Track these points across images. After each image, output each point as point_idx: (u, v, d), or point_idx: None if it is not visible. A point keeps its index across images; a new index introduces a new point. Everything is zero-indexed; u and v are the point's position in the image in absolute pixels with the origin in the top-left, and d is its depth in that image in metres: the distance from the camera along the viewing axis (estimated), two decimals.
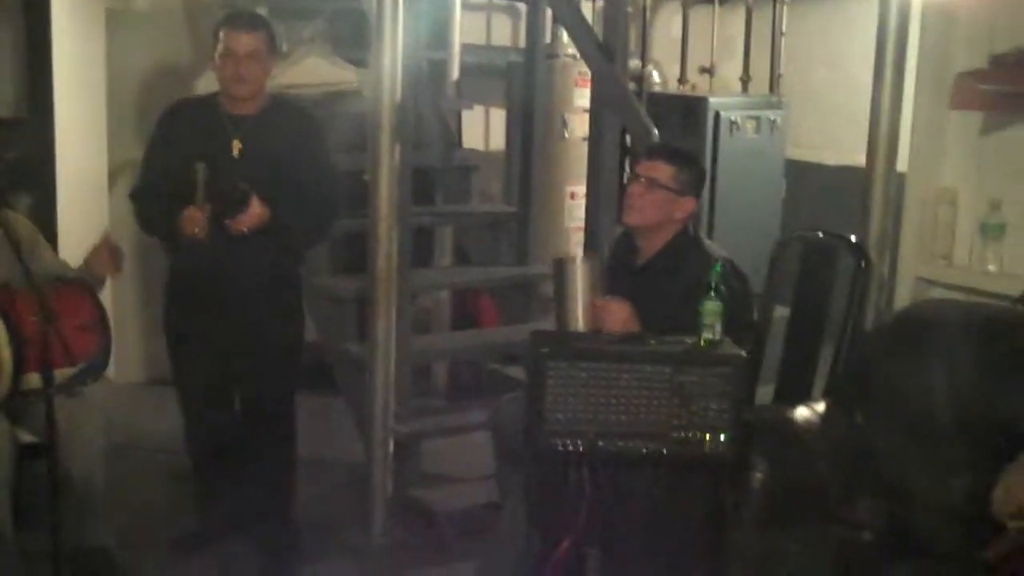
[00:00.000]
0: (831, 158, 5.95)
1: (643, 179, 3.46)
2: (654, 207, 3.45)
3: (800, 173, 6.02)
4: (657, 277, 3.44)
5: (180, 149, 3.72)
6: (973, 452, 3.24)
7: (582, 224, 4.87)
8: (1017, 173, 3.73)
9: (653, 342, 3.06)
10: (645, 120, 4.38)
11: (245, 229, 3.60)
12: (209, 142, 3.71)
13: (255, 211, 3.60)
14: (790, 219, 5.69)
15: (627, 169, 4.44)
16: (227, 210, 3.59)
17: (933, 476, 3.32)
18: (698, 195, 3.52)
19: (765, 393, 4.05)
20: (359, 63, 5.14)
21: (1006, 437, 3.11)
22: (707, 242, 3.62)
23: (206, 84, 4.33)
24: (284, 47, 5.03)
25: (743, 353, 3.08)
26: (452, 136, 5.65)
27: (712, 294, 3.02)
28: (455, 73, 5.77)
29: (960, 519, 3.12)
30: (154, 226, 3.83)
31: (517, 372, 4.74)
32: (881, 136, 3.93)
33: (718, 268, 3.07)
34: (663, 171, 3.46)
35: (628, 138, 4.59)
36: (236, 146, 3.71)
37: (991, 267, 3.75)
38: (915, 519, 3.15)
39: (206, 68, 4.19)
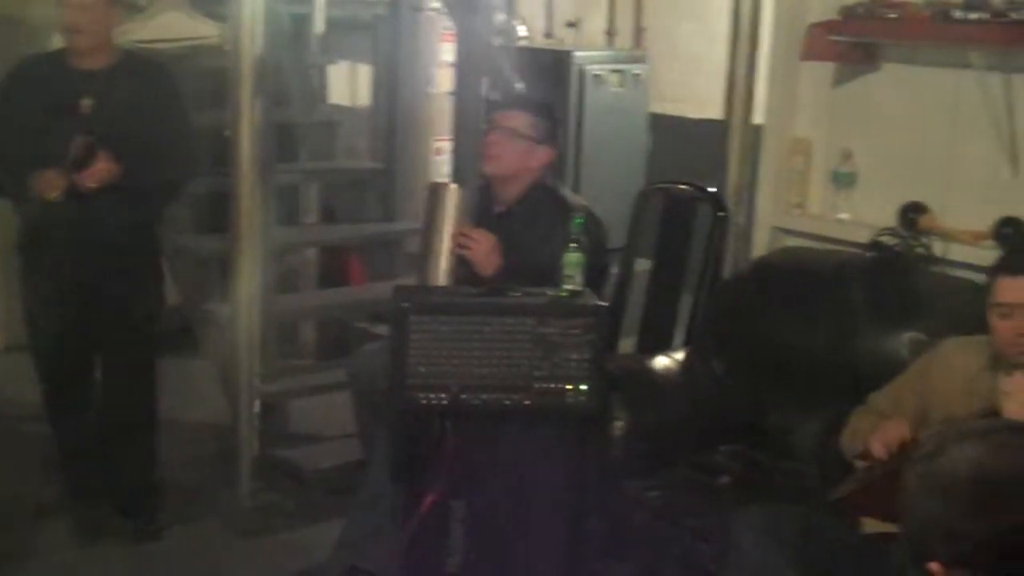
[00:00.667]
0: (693, 111, 6.01)
1: (500, 128, 3.49)
2: (511, 156, 3.47)
3: (664, 126, 6.07)
4: (515, 224, 3.47)
5: (27, 106, 3.61)
6: (825, 396, 3.35)
7: (449, 179, 4.86)
8: (867, 123, 3.82)
9: (516, 294, 3.08)
10: (509, 74, 4.38)
11: (93, 184, 3.50)
12: (57, 98, 3.60)
13: (102, 166, 3.49)
14: (655, 172, 5.74)
15: None
16: (73, 165, 3.49)
17: (788, 420, 3.42)
18: (554, 144, 3.55)
19: (628, 344, 4.11)
20: (219, 17, 5.04)
21: (855, 380, 3.21)
22: (565, 191, 3.65)
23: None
24: (141, 1, 4.91)
25: (604, 304, 3.13)
26: (315, 91, 5.57)
27: (574, 246, 3.05)
28: (319, 27, 5.68)
29: (813, 461, 3.23)
30: (2, 186, 3.71)
31: (384, 330, 4.72)
32: (737, 89, 4.00)
33: (579, 220, 3.10)
34: (520, 120, 3.49)
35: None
36: (86, 102, 3.60)
37: (843, 215, 3.84)
38: (771, 462, 3.24)
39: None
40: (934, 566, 1.33)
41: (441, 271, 3.31)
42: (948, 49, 3.52)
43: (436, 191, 3.38)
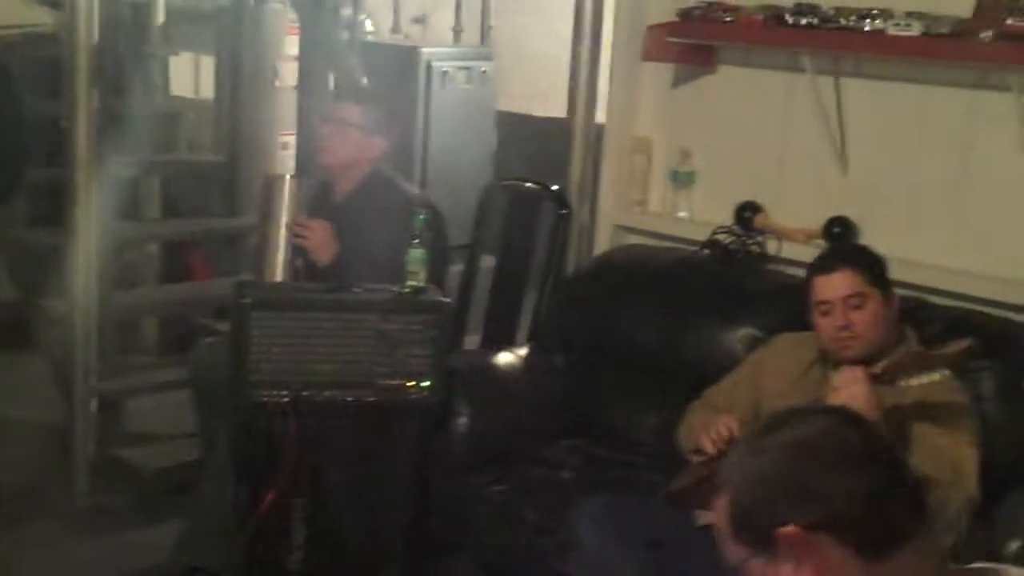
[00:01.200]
0: (539, 109, 6.08)
1: (334, 120, 3.55)
2: (345, 147, 3.53)
3: (511, 124, 6.11)
4: (352, 215, 3.47)
5: None
6: (663, 390, 3.42)
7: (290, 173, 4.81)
8: (705, 123, 3.90)
9: (358, 290, 3.08)
10: (354, 69, 4.36)
11: None
12: None
13: None
14: (502, 169, 5.77)
15: None
16: None
17: (628, 414, 3.49)
18: (388, 136, 3.58)
19: (473, 341, 4.14)
20: (55, 5, 4.90)
21: (691, 375, 3.29)
22: (404, 184, 3.67)
23: None
24: None
25: (447, 300, 3.15)
26: (156, 82, 5.46)
27: (416, 242, 3.06)
28: (160, 17, 5.57)
29: (651, 454, 3.29)
30: None
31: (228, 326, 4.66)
32: (580, 87, 4.05)
33: (422, 217, 3.11)
34: (352, 112, 3.55)
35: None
36: None
37: (682, 213, 3.92)
38: (611, 456, 3.30)
39: None
40: (788, 530, 1.33)
41: (279, 263, 3.30)
42: (781, 52, 3.62)
43: (271, 183, 3.42)
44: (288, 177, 3.45)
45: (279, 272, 3.30)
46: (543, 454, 3.31)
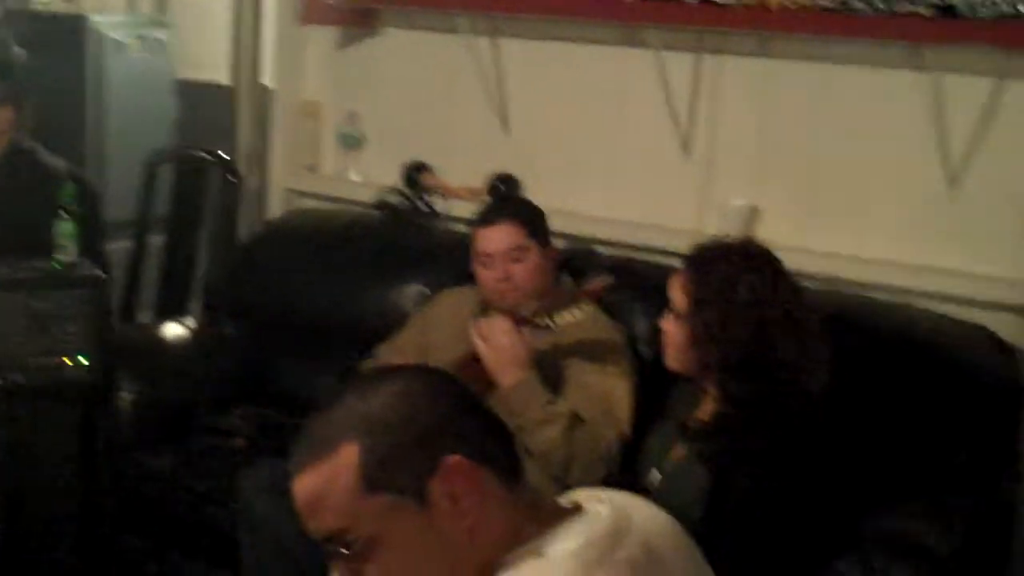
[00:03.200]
0: (223, 77, 5.94)
1: None
2: None
3: (192, 92, 5.95)
4: None
5: None
6: (336, 351, 3.42)
7: None
8: (372, 85, 3.91)
9: (4, 267, 2.94)
10: (6, 40, 4.15)
11: None
12: None
13: None
14: (185, 139, 5.61)
15: None
16: None
17: (301, 377, 3.47)
18: (16, 104, 3.42)
19: (148, 318, 4.03)
20: None
21: (363, 335, 3.31)
22: (47, 156, 3.51)
23: None
24: None
25: (101, 274, 3.05)
26: None
27: (65, 215, 2.95)
28: None
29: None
30: None
31: None
32: (244, 53, 4.00)
33: (71, 189, 3.00)
34: None
35: None
36: None
37: (353, 176, 3.93)
38: (285, 420, 3.27)
39: None
40: (455, 459, 1.32)
41: None
42: (439, 14, 3.66)
43: None
44: None
45: None
46: (216, 423, 3.25)
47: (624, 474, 2.61)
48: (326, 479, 1.33)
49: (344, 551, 1.33)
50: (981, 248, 3.03)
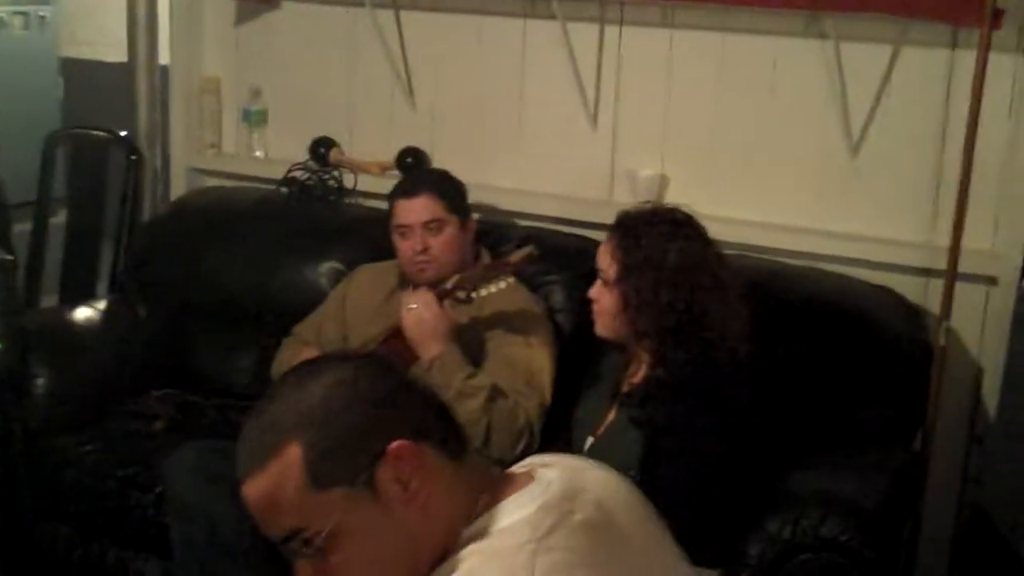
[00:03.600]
0: (108, 55, 5.80)
1: None
2: None
3: (77, 71, 5.81)
4: None
5: None
6: (253, 331, 3.40)
7: None
8: (274, 60, 3.86)
9: None
10: None
11: None
12: None
13: None
14: (71, 119, 5.48)
15: None
16: None
17: (219, 358, 3.45)
18: None
19: (51, 303, 3.95)
20: None
21: (279, 314, 3.29)
22: None
23: None
24: None
25: (12, 258, 2.98)
26: None
27: None
28: None
29: (245, 397, 3.26)
30: None
31: None
32: (139, 29, 3.91)
33: None
34: None
35: None
36: None
37: (258, 153, 3.88)
38: (205, 401, 3.24)
39: None
40: (398, 443, 1.33)
41: None
42: None
43: None
44: None
45: None
46: (135, 407, 3.21)
47: (555, 444, 2.65)
48: (274, 482, 1.33)
49: (305, 549, 1.33)
50: (884, 213, 3.13)
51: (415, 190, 2.97)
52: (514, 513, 1.34)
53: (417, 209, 2.94)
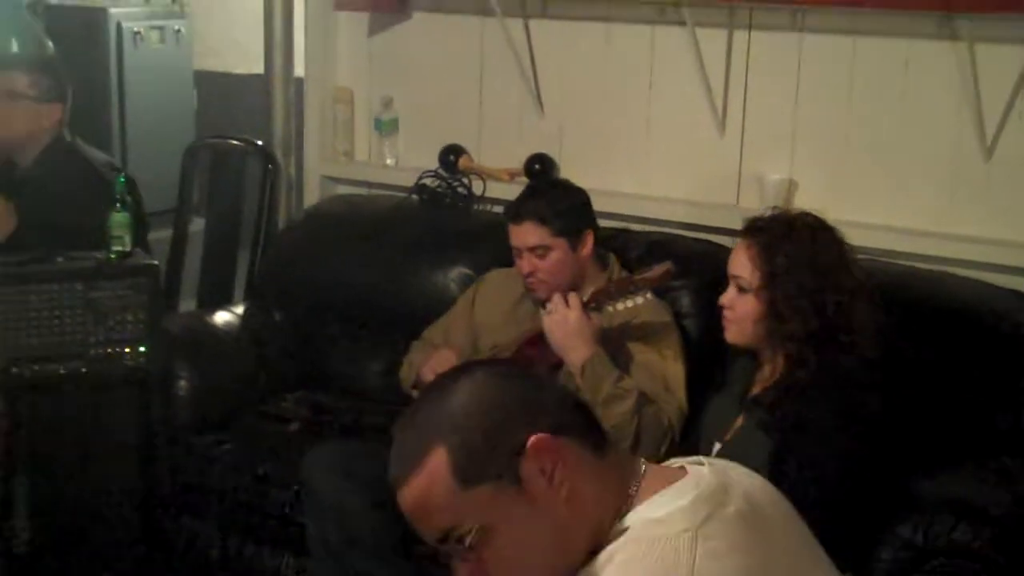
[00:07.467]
0: (239, 66, 5.98)
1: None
2: (17, 119, 3.36)
3: (211, 83, 6.00)
4: (36, 186, 3.33)
5: None
6: (384, 335, 3.48)
7: None
8: (404, 70, 3.95)
9: (60, 259, 2.99)
10: (38, 34, 4.19)
11: None
12: None
13: None
14: (204, 130, 5.66)
15: None
16: None
17: (351, 362, 3.53)
18: (63, 100, 3.41)
19: (190, 306, 4.08)
20: None
21: (410, 318, 3.36)
22: (86, 148, 3.53)
23: None
24: None
25: (155, 263, 3.10)
26: None
27: (119, 206, 3.00)
28: None
29: (377, 399, 3.35)
30: None
31: None
32: (276, 41, 4.03)
33: (122, 180, 3.05)
34: (19, 81, 3.36)
35: None
36: None
37: (389, 161, 3.97)
38: (337, 404, 3.33)
39: None
40: (538, 438, 1.37)
41: None
42: None
43: None
44: None
45: None
46: (270, 409, 3.31)
47: (683, 449, 2.66)
48: (424, 485, 1.39)
49: (459, 547, 1.39)
50: (1017, 216, 3.08)
51: (519, 216, 2.99)
52: (670, 504, 1.37)
53: (522, 235, 2.97)
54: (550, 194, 3.07)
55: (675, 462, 1.50)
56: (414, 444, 1.41)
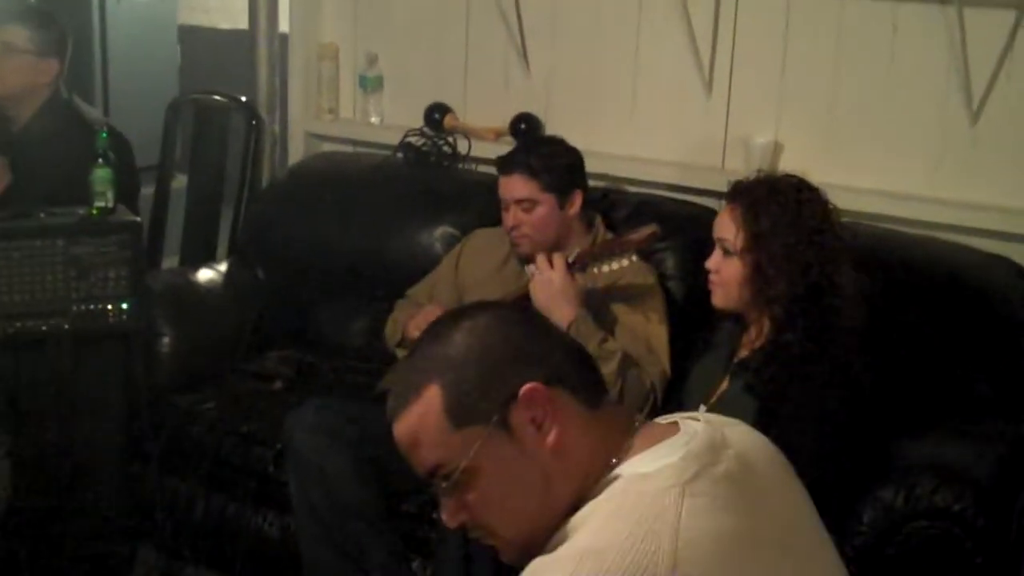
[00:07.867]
0: (224, 22, 5.94)
1: None
2: (14, 73, 3.32)
3: (195, 38, 5.96)
4: (34, 142, 3.31)
5: None
6: (368, 294, 3.47)
7: None
8: (390, 27, 3.91)
9: (42, 215, 2.97)
10: None
11: None
12: None
13: None
14: (188, 85, 5.63)
15: None
16: None
17: (335, 321, 3.52)
18: (62, 56, 3.38)
19: (172, 263, 4.06)
20: None
21: (394, 277, 3.35)
22: (83, 105, 3.51)
23: None
24: None
25: (138, 219, 3.07)
26: None
27: (101, 161, 2.97)
28: None
29: (361, 357, 3.34)
30: None
31: None
32: None
33: (104, 135, 3.01)
34: (18, 34, 3.32)
35: None
36: None
37: (373, 119, 3.94)
38: (321, 363, 3.33)
39: None
40: (531, 386, 1.37)
41: None
42: None
43: None
44: None
45: None
46: (253, 367, 3.30)
47: (668, 411, 2.66)
48: (417, 421, 1.42)
49: (444, 484, 1.41)
50: (1003, 181, 3.08)
51: (510, 168, 2.99)
52: (659, 460, 1.37)
53: (510, 187, 2.97)
54: (544, 149, 3.06)
55: (670, 418, 1.50)
56: (412, 380, 1.44)
